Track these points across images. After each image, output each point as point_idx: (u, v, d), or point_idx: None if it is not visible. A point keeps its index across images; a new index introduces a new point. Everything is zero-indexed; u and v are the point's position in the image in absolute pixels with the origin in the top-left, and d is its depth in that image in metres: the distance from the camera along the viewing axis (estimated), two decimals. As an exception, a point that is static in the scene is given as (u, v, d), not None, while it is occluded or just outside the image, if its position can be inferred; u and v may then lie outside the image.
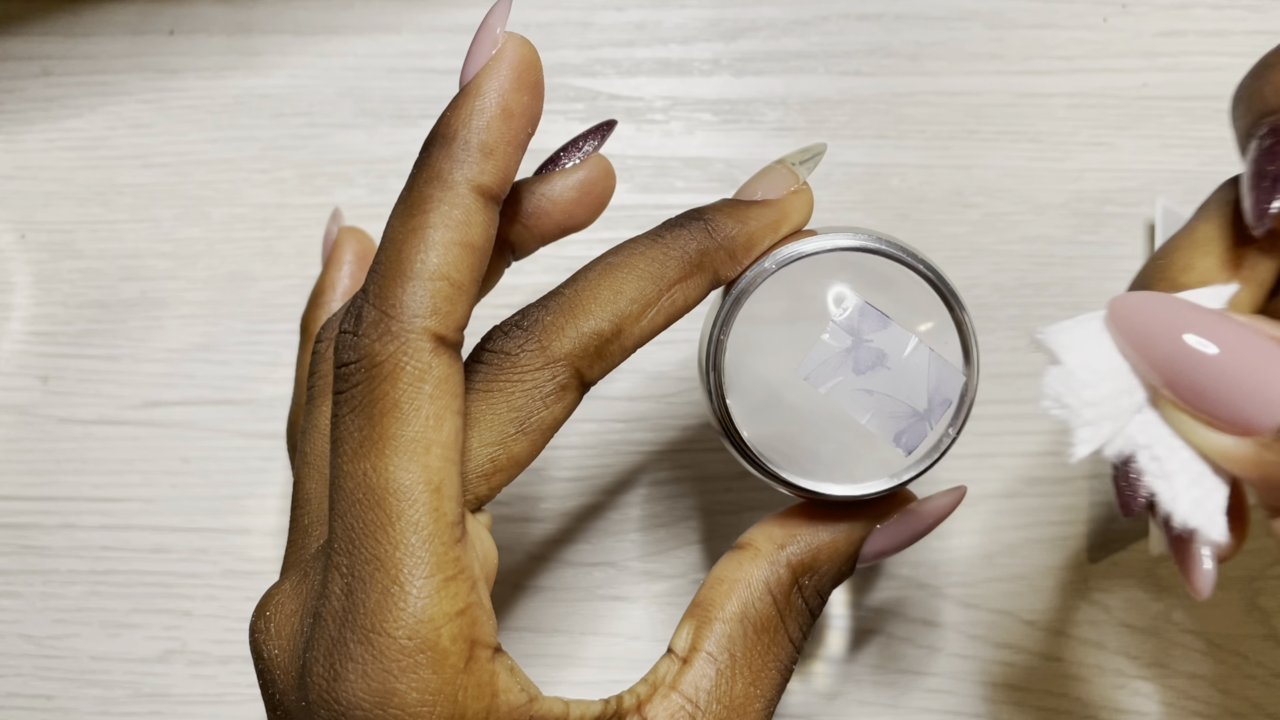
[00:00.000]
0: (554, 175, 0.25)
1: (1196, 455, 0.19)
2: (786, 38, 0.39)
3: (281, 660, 0.21)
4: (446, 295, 0.20)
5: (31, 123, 0.40)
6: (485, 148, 0.21)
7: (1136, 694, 0.34)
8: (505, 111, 0.21)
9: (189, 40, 0.40)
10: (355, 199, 0.39)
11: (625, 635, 0.36)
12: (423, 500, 0.20)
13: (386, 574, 0.20)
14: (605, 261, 0.23)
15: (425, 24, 0.40)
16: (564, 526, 0.36)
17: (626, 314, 0.22)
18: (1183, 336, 0.19)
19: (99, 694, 0.36)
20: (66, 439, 0.37)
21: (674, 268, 0.23)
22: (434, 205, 0.21)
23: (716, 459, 0.36)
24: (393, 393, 0.20)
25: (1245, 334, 0.19)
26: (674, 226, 0.24)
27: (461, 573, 0.20)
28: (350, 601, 0.20)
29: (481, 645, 0.20)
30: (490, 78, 0.22)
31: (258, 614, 0.22)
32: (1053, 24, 0.39)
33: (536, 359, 0.22)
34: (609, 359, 0.23)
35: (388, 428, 0.20)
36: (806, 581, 0.24)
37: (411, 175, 0.22)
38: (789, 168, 0.25)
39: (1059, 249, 0.37)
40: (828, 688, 0.35)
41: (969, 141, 0.38)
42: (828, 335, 0.24)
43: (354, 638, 0.20)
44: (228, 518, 0.37)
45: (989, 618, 0.35)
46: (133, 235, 0.39)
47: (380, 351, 0.20)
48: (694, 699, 0.23)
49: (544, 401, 0.22)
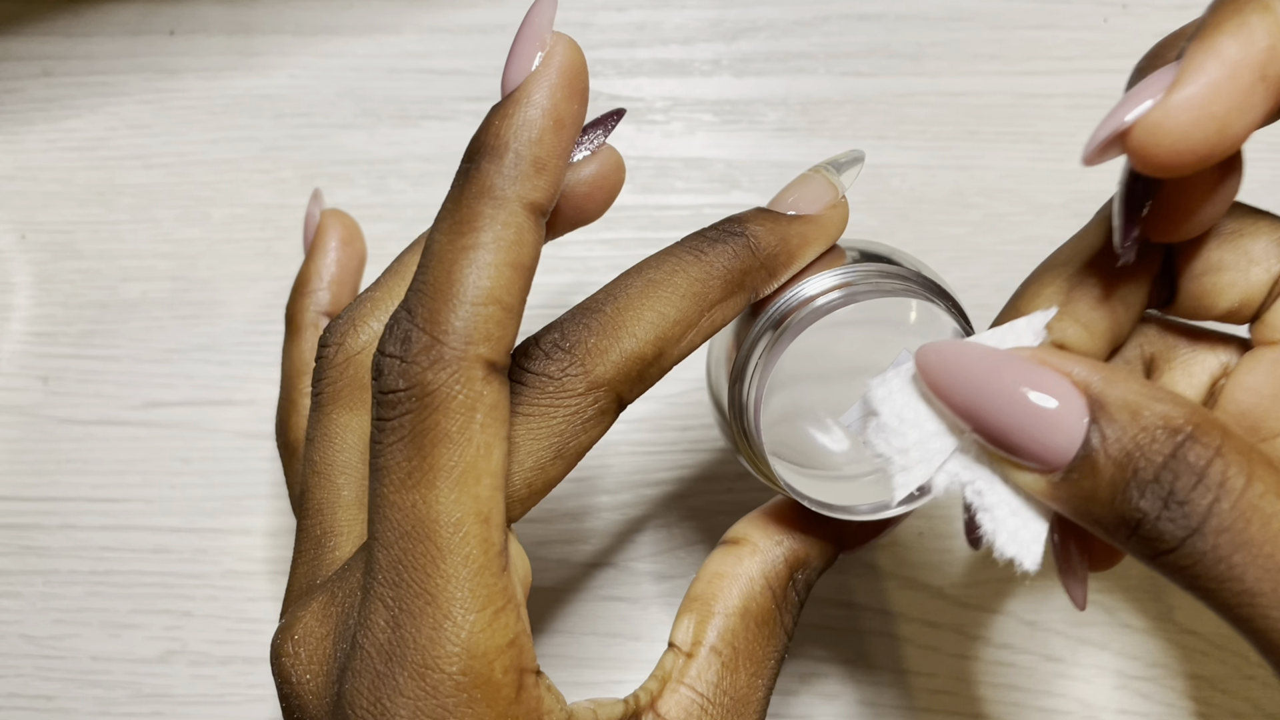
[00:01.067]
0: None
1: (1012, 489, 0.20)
2: (787, 38, 0.40)
3: (314, 686, 0.21)
4: (499, 320, 0.20)
5: (32, 123, 0.40)
6: (538, 162, 0.20)
7: (1136, 694, 0.34)
8: (557, 123, 0.20)
9: (189, 40, 0.40)
10: (356, 199, 0.39)
11: (626, 635, 0.36)
12: (474, 532, 0.20)
13: (438, 608, 0.19)
14: (646, 277, 0.22)
15: (425, 24, 0.40)
16: (564, 526, 0.36)
17: (669, 336, 0.22)
18: (974, 382, 0.20)
19: (99, 694, 0.36)
20: (67, 439, 0.37)
21: (717, 288, 0.22)
22: (485, 223, 0.20)
23: (717, 459, 0.36)
24: (444, 423, 0.19)
25: (1030, 373, 0.19)
26: (715, 243, 0.23)
27: (510, 603, 0.20)
28: (398, 635, 0.20)
29: (529, 672, 0.20)
30: (540, 84, 0.20)
31: (283, 636, 0.22)
32: (1053, 25, 0.39)
33: (579, 383, 0.21)
34: (648, 381, 0.22)
35: (438, 459, 0.19)
36: (799, 575, 0.25)
37: (457, 186, 0.20)
38: (827, 177, 0.25)
39: (1059, 249, 0.37)
40: (828, 688, 0.35)
41: (969, 142, 0.38)
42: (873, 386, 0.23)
43: (404, 673, 0.19)
44: (228, 518, 0.37)
45: (989, 618, 0.35)
46: (133, 236, 0.39)
47: (432, 381, 0.19)
48: (703, 692, 0.23)
49: (584, 426, 0.21)
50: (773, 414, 0.24)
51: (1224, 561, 0.17)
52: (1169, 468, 0.18)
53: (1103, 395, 0.19)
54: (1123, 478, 0.18)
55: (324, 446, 0.24)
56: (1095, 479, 0.19)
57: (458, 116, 0.39)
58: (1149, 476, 0.18)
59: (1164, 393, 0.19)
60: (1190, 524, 0.18)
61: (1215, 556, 0.17)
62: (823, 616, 0.35)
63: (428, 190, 0.39)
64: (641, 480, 0.36)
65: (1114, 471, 0.18)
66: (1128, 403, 0.18)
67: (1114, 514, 0.18)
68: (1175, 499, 0.18)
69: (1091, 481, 0.19)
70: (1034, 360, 0.19)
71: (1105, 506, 0.19)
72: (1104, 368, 0.19)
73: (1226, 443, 0.18)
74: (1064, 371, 0.19)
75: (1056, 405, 0.19)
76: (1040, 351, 0.20)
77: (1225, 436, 0.18)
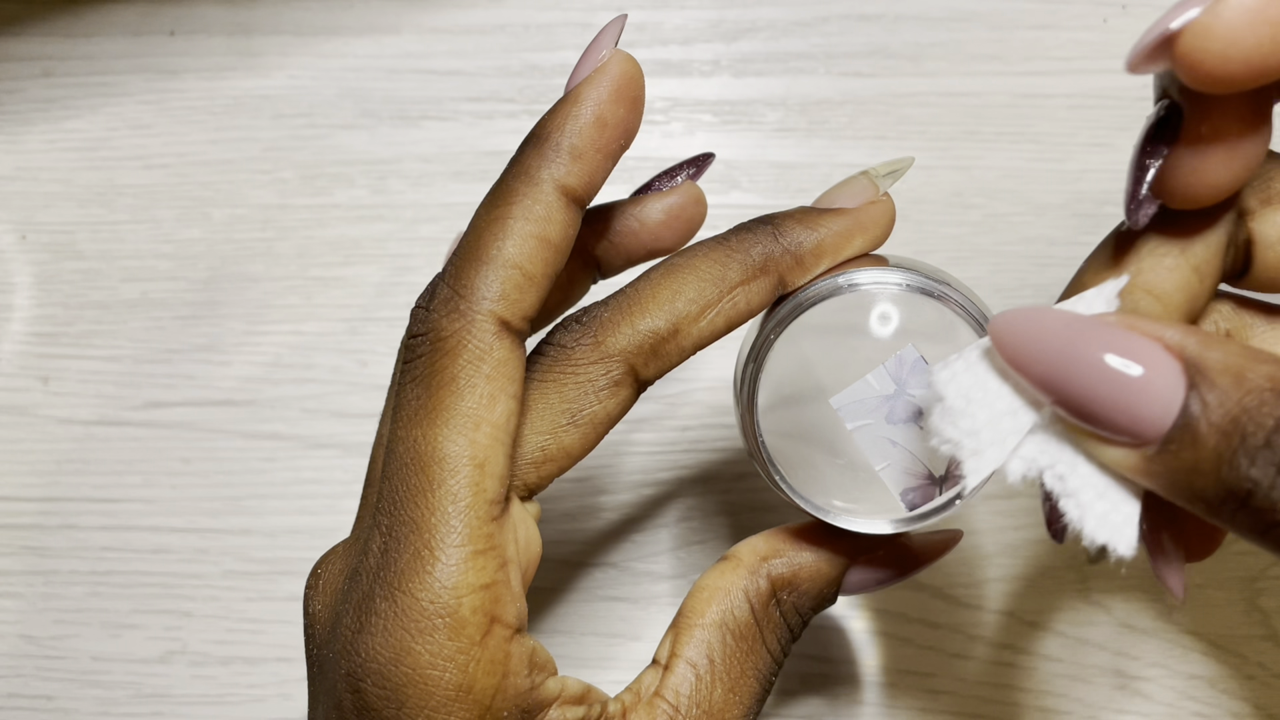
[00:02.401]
0: (647, 198, 0.26)
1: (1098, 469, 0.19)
2: (787, 39, 0.40)
3: (322, 615, 0.22)
4: (517, 283, 0.21)
5: (32, 124, 0.40)
6: (575, 151, 0.22)
7: (1136, 694, 0.34)
8: (599, 120, 0.22)
9: (189, 41, 0.40)
10: (356, 199, 0.39)
11: (626, 635, 0.36)
12: (465, 473, 0.21)
13: (420, 537, 0.21)
14: (669, 262, 0.24)
15: (425, 25, 0.40)
16: (564, 526, 0.36)
17: (685, 314, 0.23)
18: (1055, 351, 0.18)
19: (100, 694, 0.36)
20: (67, 439, 0.38)
21: (736, 270, 0.23)
22: (518, 199, 0.22)
23: (717, 459, 0.36)
24: (452, 367, 0.21)
25: (1118, 338, 0.18)
26: (741, 230, 0.24)
27: (493, 549, 0.21)
28: (385, 560, 0.21)
29: (501, 624, 0.21)
30: (590, 88, 0.22)
31: (311, 573, 0.23)
32: (1053, 25, 0.39)
33: (591, 353, 0.23)
34: (665, 358, 0.23)
35: (443, 399, 0.21)
36: (785, 596, 0.24)
37: (504, 170, 0.22)
38: (871, 179, 0.25)
39: (1059, 250, 0.37)
40: (828, 689, 0.35)
41: (969, 142, 0.38)
42: (872, 377, 0.23)
43: (381, 593, 0.21)
44: (228, 518, 0.37)
45: (989, 618, 0.35)
46: (133, 236, 0.39)
47: (446, 327, 0.21)
48: (675, 703, 0.23)
49: (597, 395, 0.23)
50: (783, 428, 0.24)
51: None
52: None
53: (1201, 359, 0.17)
54: (1229, 446, 0.17)
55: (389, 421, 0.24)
56: (1197, 449, 0.17)
57: (458, 117, 0.39)
58: (1259, 442, 0.16)
59: (1265, 354, 0.17)
60: None
61: None
62: (823, 617, 0.35)
63: (428, 190, 0.39)
64: (641, 480, 0.36)
65: (1219, 440, 0.17)
66: (1229, 366, 0.17)
67: (1220, 486, 0.17)
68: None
69: (1193, 452, 0.17)
70: (1121, 325, 0.18)
71: (1209, 479, 0.17)
72: (1197, 331, 0.18)
73: None
74: (1155, 336, 0.18)
75: (1149, 373, 0.17)
76: (1127, 315, 0.18)
77: None
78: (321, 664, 0.22)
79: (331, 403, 0.37)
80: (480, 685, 0.21)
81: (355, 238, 0.39)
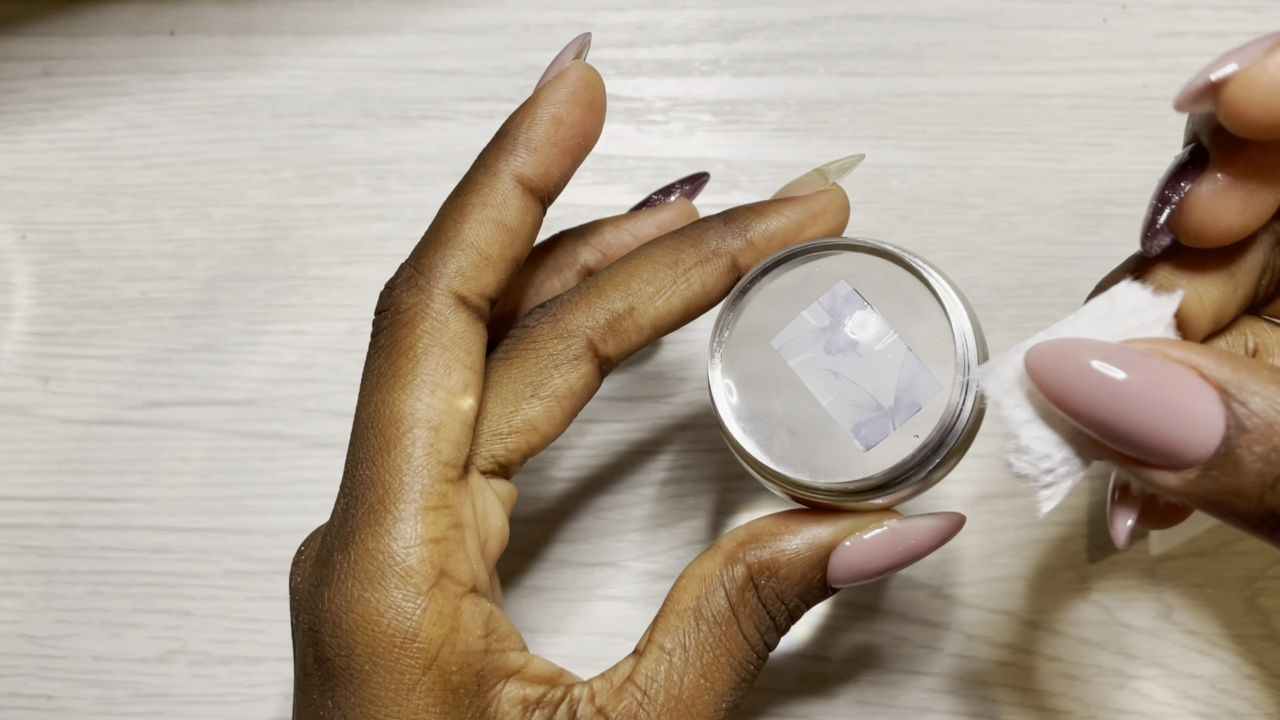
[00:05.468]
0: (640, 213, 0.28)
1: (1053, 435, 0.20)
2: (787, 38, 0.40)
3: (301, 587, 0.23)
4: (473, 261, 0.23)
5: (32, 123, 0.40)
6: (530, 144, 0.24)
7: (1136, 694, 0.34)
8: (555, 119, 0.24)
9: (189, 41, 0.40)
10: (356, 199, 0.39)
11: (625, 636, 0.36)
12: (420, 434, 0.22)
13: (374, 493, 0.22)
14: (629, 253, 0.25)
15: (425, 25, 0.40)
16: (564, 526, 0.36)
17: (640, 294, 0.24)
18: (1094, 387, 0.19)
19: (100, 694, 0.36)
20: (67, 439, 0.38)
21: (689, 254, 0.24)
22: (476, 188, 0.23)
23: (717, 459, 0.36)
24: (410, 337, 0.22)
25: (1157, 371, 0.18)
26: (698, 223, 0.25)
27: (445, 508, 0.22)
28: (345, 516, 0.22)
29: (451, 579, 0.22)
30: (548, 91, 0.24)
31: (297, 551, 0.24)
32: (1053, 25, 0.39)
33: (551, 330, 0.24)
34: (623, 335, 0.24)
35: (402, 366, 0.22)
36: (764, 582, 0.24)
37: (469, 169, 0.24)
38: (822, 174, 0.26)
39: (1059, 250, 0.37)
40: (828, 688, 0.35)
41: (969, 142, 0.38)
42: (808, 312, 0.24)
43: (338, 547, 0.22)
44: (228, 518, 0.37)
45: (989, 618, 0.35)
46: (133, 236, 0.39)
47: (405, 301, 0.23)
48: (644, 689, 0.23)
49: (557, 370, 0.24)
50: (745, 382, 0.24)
51: None
52: None
53: (1240, 386, 0.18)
54: (1272, 473, 0.17)
55: None
56: (1239, 475, 0.18)
57: (458, 116, 0.39)
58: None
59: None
60: None
61: None
62: (822, 616, 0.35)
63: (428, 190, 0.39)
64: (641, 480, 0.36)
65: (1261, 467, 0.18)
66: (1267, 394, 0.18)
67: (1263, 510, 0.18)
68: None
69: (1234, 479, 0.18)
70: (1157, 354, 0.18)
71: (1252, 503, 0.18)
72: (1233, 357, 0.18)
73: None
74: (1192, 365, 0.18)
75: (1188, 403, 0.18)
76: (1160, 344, 0.19)
77: None
78: (297, 630, 0.23)
79: (331, 403, 0.37)
80: (426, 634, 0.21)
81: (355, 238, 0.39)
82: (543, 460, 0.37)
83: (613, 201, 0.38)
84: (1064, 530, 0.35)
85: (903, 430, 0.23)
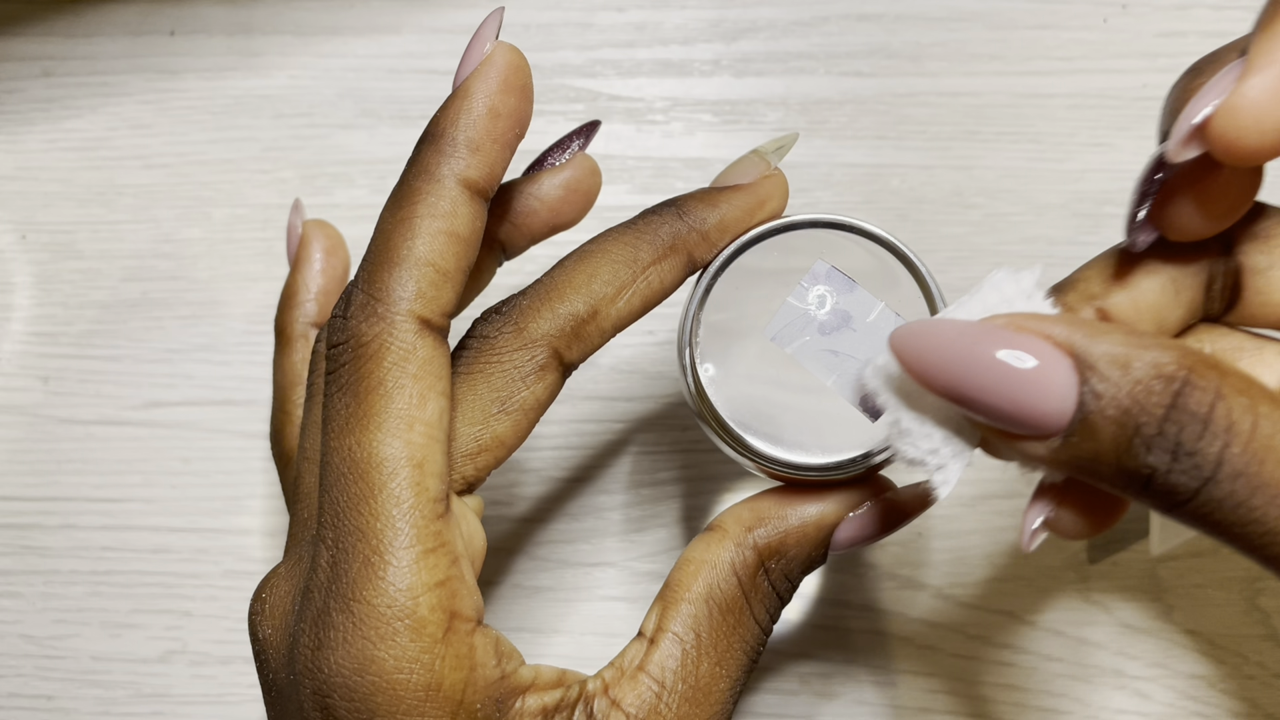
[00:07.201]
0: (541, 175, 0.26)
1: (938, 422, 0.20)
2: (787, 38, 0.40)
3: (274, 639, 0.22)
4: (431, 280, 0.21)
5: (32, 123, 0.40)
6: (471, 144, 0.22)
7: (1136, 694, 0.34)
8: (491, 111, 0.22)
9: (189, 41, 0.40)
10: (356, 199, 0.39)
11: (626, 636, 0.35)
12: (405, 474, 0.21)
13: (368, 544, 0.20)
14: (582, 249, 0.24)
15: (425, 25, 0.40)
16: (564, 526, 0.36)
17: (602, 295, 0.23)
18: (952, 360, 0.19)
19: (100, 694, 0.36)
20: (67, 439, 0.38)
21: (647, 251, 0.24)
22: (421, 197, 0.22)
23: (717, 459, 0.36)
24: (378, 371, 0.21)
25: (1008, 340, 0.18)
26: (648, 214, 0.24)
27: (442, 546, 0.21)
28: (335, 572, 0.21)
29: (461, 618, 0.21)
30: (478, 80, 0.22)
31: (255, 596, 0.23)
32: (1053, 25, 0.39)
33: (514, 340, 0.23)
34: (587, 339, 0.23)
35: (373, 404, 0.21)
36: (773, 565, 0.24)
37: (403, 173, 0.23)
38: (761, 156, 0.26)
39: (1059, 249, 0.37)
40: (828, 688, 0.35)
41: (969, 142, 0.38)
42: (793, 297, 0.24)
43: (336, 606, 0.21)
44: (228, 518, 0.37)
45: (989, 618, 0.35)
46: (133, 236, 0.39)
47: (366, 332, 0.21)
48: (660, 679, 0.23)
49: (524, 382, 0.23)
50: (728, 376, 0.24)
51: (1243, 505, 0.17)
52: (1171, 419, 0.17)
53: (1087, 352, 0.18)
54: (1125, 435, 0.18)
55: (313, 433, 0.24)
56: (1096, 440, 0.18)
57: (458, 117, 0.39)
58: (1152, 431, 0.17)
59: (1150, 339, 0.18)
60: (1203, 473, 0.17)
61: (1234, 502, 0.17)
62: (822, 616, 0.35)
63: (428, 190, 0.39)
64: (641, 480, 0.36)
65: (1115, 430, 0.18)
66: (1115, 356, 0.18)
67: (1122, 472, 0.18)
68: (1184, 450, 0.17)
69: (1093, 443, 0.18)
70: (1010, 326, 0.19)
71: (1111, 466, 0.18)
72: (1084, 323, 0.18)
73: (1225, 383, 0.17)
74: (1043, 334, 0.18)
75: (1041, 369, 0.18)
76: (1015, 317, 0.19)
77: (1222, 376, 0.17)
78: (280, 689, 0.22)
79: (331, 403, 0.37)
80: (449, 681, 0.21)
81: (356, 238, 0.38)
82: (543, 461, 0.37)
83: (612, 202, 0.38)
84: (1064, 530, 0.35)
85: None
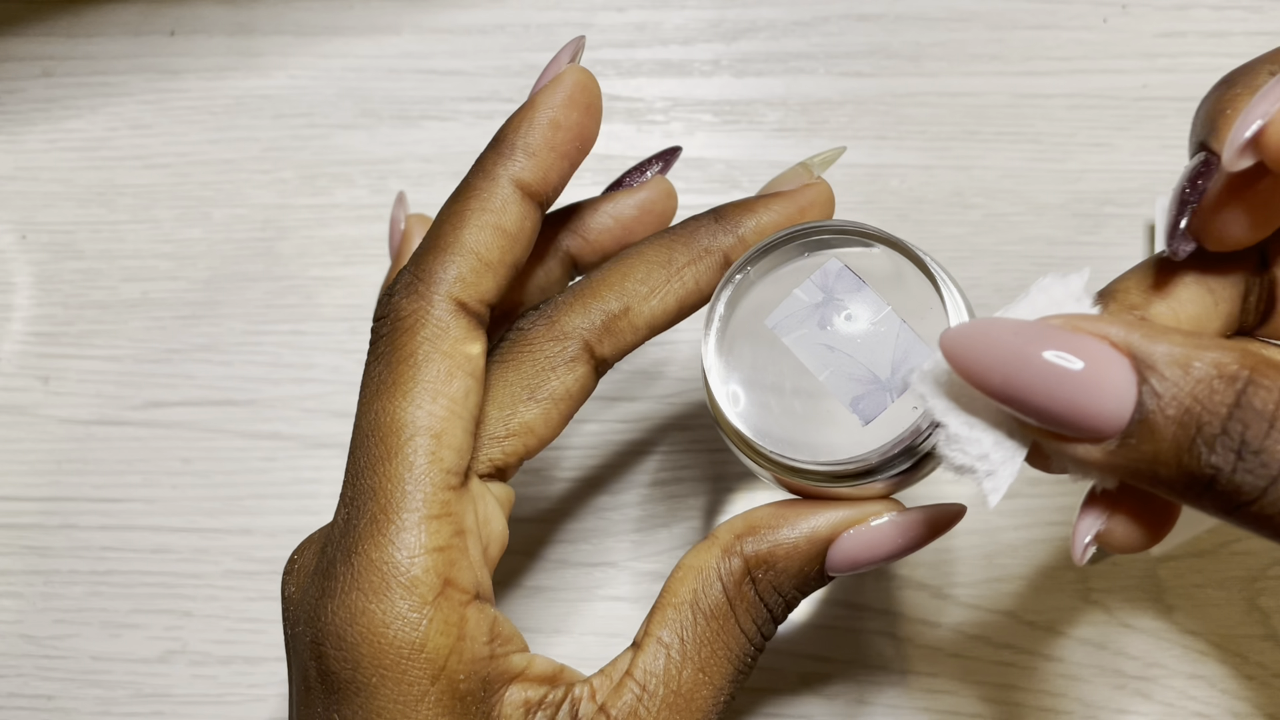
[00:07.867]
0: (618, 194, 0.27)
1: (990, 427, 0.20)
2: (787, 38, 0.40)
3: (295, 597, 0.23)
4: (473, 268, 0.23)
5: (32, 123, 0.40)
6: (529, 149, 0.23)
7: (1136, 694, 0.34)
8: (553, 123, 0.23)
9: (190, 41, 0.40)
10: (356, 199, 0.39)
11: (626, 636, 0.35)
12: (421, 442, 0.22)
13: (377, 503, 0.21)
14: (621, 253, 0.25)
15: (425, 25, 0.40)
16: (564, 526, 0.36)
17: (635, 294, 0.24)
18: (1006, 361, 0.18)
19: (100, 694, 0.36)
20: (67, 439, 0.38)
21: (682, 253, 0.25)
22: (475, 193, 0.23)
23: (717, 459, 0.36)
24: (410, 344, 0.22)
25: (1065, 341, 0.18)
26: (688, 221, 0.25)
27: (448, 515, 0.22)
28: (347, 527, 0.22)
29: (456, 587, 0.22)
30: (544, 94, 0.24)
31: (289, 559, 0.24)
32: (1053, 25, 0.39)
33: (546, 333, 0.24)
34: (619, 335, 0.24)
35: (402, 374, 0.22)
36: (761, 575, 0.24)
37: (466, 174, 0.24)
38: (806, 168, 0.26)
39: (1059, 249, 0.37)
40: (828, 688, 0.35)
41: (969, 142, 0.38)
42: (800, 290, 0.24)
43: (341, 559, 0.22)
44: (228, 518, 0.37)
45: (989, 618, 0.35)
46: (133, 236, 0.39)
47: (406, 308, 0.22)
48: (643, 683, 0.23)
49: (554, 371, 0.24)
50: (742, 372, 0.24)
51: None
52: (1235, 418, 0.17)
53: (1148, 353, 0.18)
54: (1186, 436, 0.17)
55: None
56: (1156, 441, 0.18)
57: (458, 116, 0.39)
58: (1215, 430, 0.17)
59: (1209, 340, 0.18)
60: (1270, 472, 0.17)
61: None
62: (823, 616, 0.35)
63: (428, 190, 0.39)
64: (641, 480, 0.36)
65: (1176, 431, 0.17)
66: (1175, 356, 0.18)
67: (1183, 474, 0.18)
68: (1249, 449, 0.17)
69: (1152, 445, 0.18)
70: (1067, 327, 0.18)
71: (1171, 468, 0.18)
72: (1141, 324, 0.18)
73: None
74: (1100, 334, 0.18)
75: (1098, 371, 0.18)
76: (1070, 317, 0.19)
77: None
78: (294, 641, 0.23)
79: (331, 403, 0.37)
80: (433, 644, 0.21)
81: (355, 238, 0.39)
82: (543, 460, 0.37)
83: (613, 201, 0.38)
84: (1064, 530, 0.35)
85: (901, 402, 0.23)
